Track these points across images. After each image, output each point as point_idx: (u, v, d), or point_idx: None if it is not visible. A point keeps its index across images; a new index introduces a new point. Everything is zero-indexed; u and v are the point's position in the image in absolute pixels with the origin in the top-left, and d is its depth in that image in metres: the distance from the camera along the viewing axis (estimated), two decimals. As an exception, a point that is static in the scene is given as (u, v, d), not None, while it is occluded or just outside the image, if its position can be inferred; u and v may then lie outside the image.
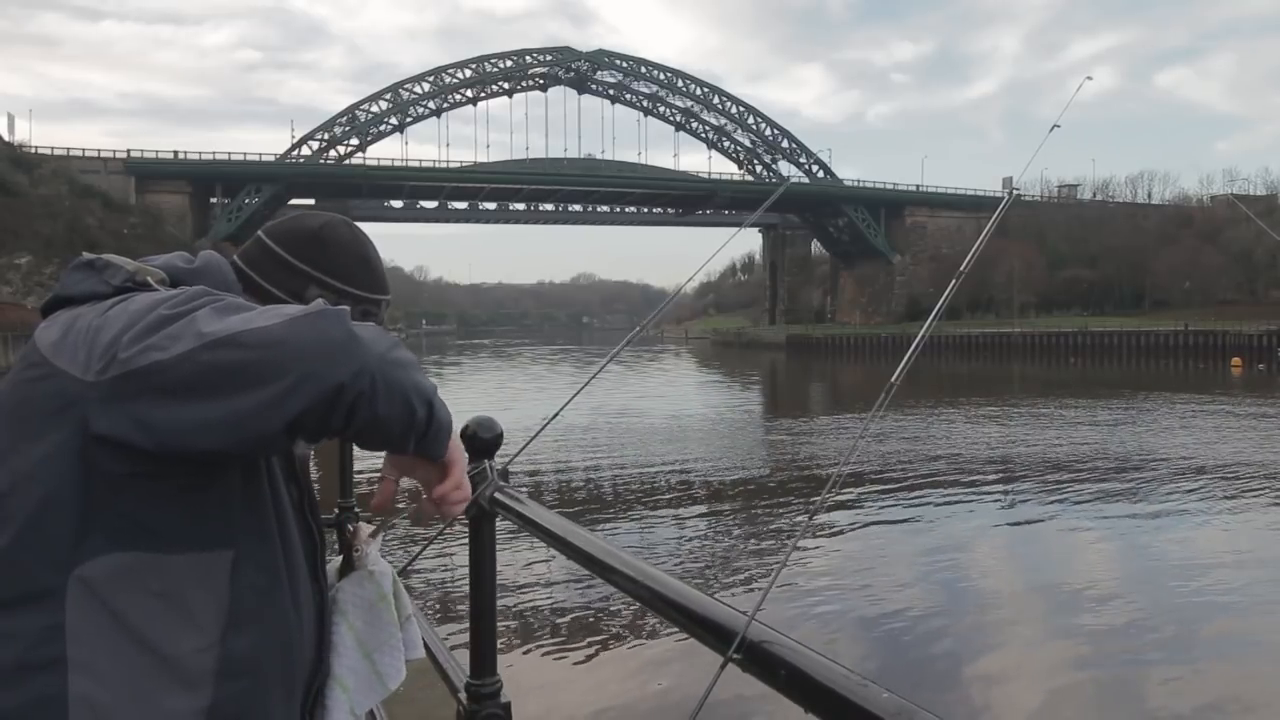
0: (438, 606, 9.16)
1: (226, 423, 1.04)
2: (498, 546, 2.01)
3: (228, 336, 1.04)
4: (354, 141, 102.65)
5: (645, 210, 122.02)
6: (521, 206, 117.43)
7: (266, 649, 1.22)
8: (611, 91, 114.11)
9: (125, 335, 1.07)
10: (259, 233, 1.44)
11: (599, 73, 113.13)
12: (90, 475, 1.09)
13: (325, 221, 1.43)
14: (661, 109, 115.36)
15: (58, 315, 1.20)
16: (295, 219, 1.45)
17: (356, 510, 3.71)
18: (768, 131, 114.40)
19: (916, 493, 16.50)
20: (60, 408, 1.09)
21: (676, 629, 1.19)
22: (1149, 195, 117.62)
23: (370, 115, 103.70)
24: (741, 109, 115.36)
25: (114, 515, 1.10)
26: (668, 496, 16.63)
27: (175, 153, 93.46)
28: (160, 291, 1.18)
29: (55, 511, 1.09)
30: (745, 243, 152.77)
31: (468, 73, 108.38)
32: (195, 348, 1.03)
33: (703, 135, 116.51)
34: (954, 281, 1.83)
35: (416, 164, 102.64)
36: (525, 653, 8.50)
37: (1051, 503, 15.73)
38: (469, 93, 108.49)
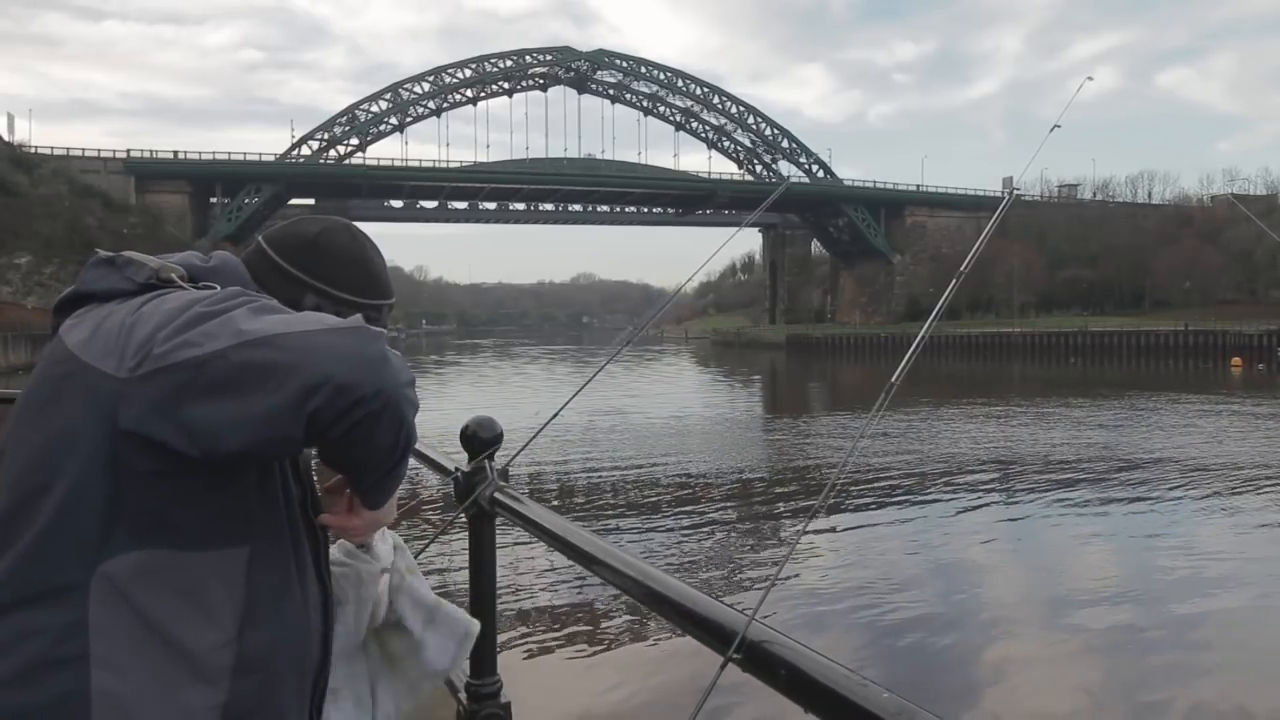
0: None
1: (250, 422, 1.05)
2: (498, 546, 2.01)
3: (265, 337, 1.06)
4: (354, 141, 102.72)
5: (645, 210, 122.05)
6: (521, 206, 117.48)
7: (280, 645, 1.24)
8: (611, 91, 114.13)
9: (161, 332, 1.08)
10: (258, 238, 1.42)
11: (599, 72, 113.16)
12: (117, 472, 1.10)
13: (324, 228, 1.41)
14: (661, 109, 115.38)
15: (85, 313, 1.20)
16: (294, 224, 1.43)
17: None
18: (768, 131, 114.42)
19: (917, 493, 16.50)
20: (91, 404, 1.10)
21: (677, 629, 1.19)
22: (1149, 195, 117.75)
23: (370, 115, 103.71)
24: (741, 109, 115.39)
25: (138, 512, 1.11)
26: (668, 496, 16.62)
27: (175, 153, 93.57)
28: (191, 290, 1.19)
29: (81, 508, 1.10)
30: (745, 243, 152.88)
31: (468, 72, 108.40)
32: (230, 345, 1.05)
33: (703, 135, 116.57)
34: (954, 281, 1.83)
35: (416, 164, 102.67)
36: (525, 653, 8.50)
37: (1052, 503, 15.72)
38: (469, 93, 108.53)
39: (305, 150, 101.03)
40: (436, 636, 1.52)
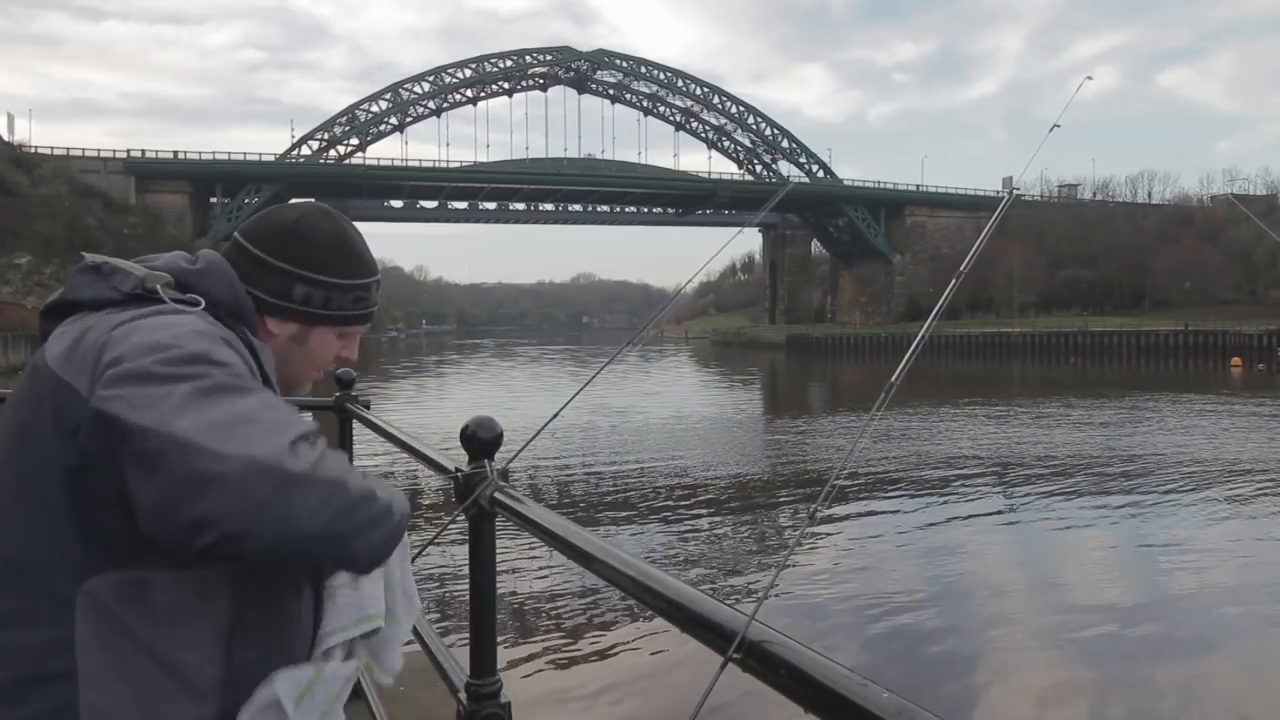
0: (438, 606, 9.16)
1: (148, 514, 1.03)
2: (498, 546, 2.00)
3: (182, 441, 1.01)
4: (354, 141, 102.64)
5: (645, 210, 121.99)
6: (521, 206, 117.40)
7: (270, 657, 1.23)
8: (611, 91, 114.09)
9: (115, 369, 1.07)
10: (235, 234, 1.39)
11: (599, 72, 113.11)
12: (86, 492, 1.09)
13: (300, 214, 1.38)
14: (661, 109, 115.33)
15: (68, 325, 1.19)
16: (269, 215, 1.39)
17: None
18: (768, 131, 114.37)
19: (917, 493, 16.50)
20: (61, 422, 1.09)
21: (677, 629, 1.19)
22: (1149, 195, 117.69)
23: (370, 115, 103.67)
24: (741, 109, 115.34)
25: (114, 532, 1.10)
26: (668, 496, 16.63)
27: (175, 153, 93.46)
28: (167, 319, 1.16)
29: (59, 525, 1.10)
30: (745, 243, 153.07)
31: (468, 72, 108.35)
32: (151, 428, 1.02)
33: (703, 135, 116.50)
34: (954, 281, 1.82)
35: (416, 164, 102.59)
36: (525, 653, 8.51)
37: (1052, 503, 15.73)
38: (469, 93, 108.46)
39: (305, 150, 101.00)
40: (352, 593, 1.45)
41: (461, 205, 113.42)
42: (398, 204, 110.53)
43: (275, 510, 1.03)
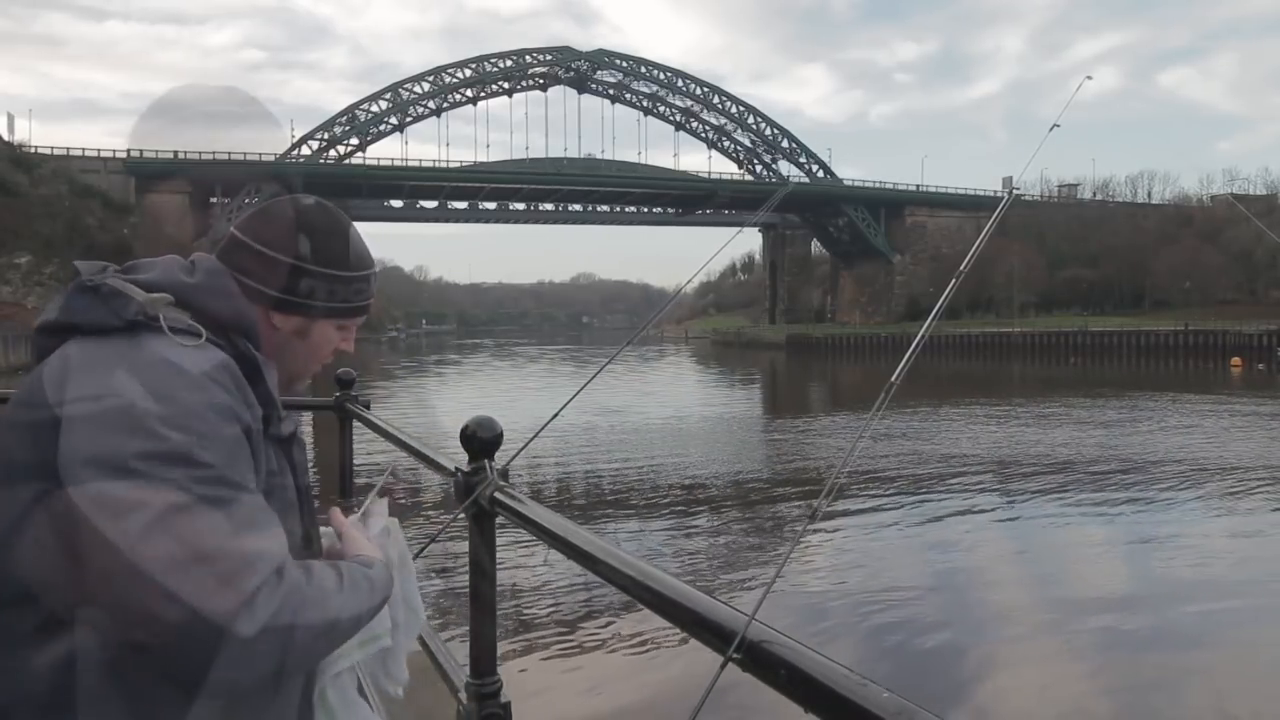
0: (438, 606, 9.16)
1: (100, 605, 1.03)
2: (498, 546, 2.00)
3: (137, 570, 1.00)
4: (354, 141, 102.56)
5: (645, 210, 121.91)
6: (521, 206, 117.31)
7: (269, 682, 1.19)
8: (611, 91, 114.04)
9: (90, 443, 1.04)
10: (233, 230, 1.37)
11: (599, 72, 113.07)
12: (66, 524, 1.06)
13: (298, 208, 1.38)
14: (661, 109, 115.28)
15: (67, 349, 1.16)
16: (265, 210, 1.38)
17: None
18: (768, 131, 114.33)
19: (917, 492, 16.50)
20: (48, 453, 1.07)
21: (677, 629, 1.19)
22: (1149, 195, 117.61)
23: (370, 115, 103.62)
24: (741, 109, 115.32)
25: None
26: (668, 496, 16.63)
27: (175, 153, 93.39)
28: (164, 374, 1.12)
29: (50, 545, 1.07)
30: (745, 242, 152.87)
31: (468, 72, 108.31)
32: (110, 542, 1.00)
33: (703, 135, 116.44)
34: (954, 281, 1.82)
35: (416, 164, 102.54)
36: (525, 652, 8.51)
37: (1052, 503, 15.73)
38: (469, 92, 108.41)
39: (305, 150, 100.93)
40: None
41: (461, 205, 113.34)
42: (398, 204, 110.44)
43: (217, 669, 1.03)
